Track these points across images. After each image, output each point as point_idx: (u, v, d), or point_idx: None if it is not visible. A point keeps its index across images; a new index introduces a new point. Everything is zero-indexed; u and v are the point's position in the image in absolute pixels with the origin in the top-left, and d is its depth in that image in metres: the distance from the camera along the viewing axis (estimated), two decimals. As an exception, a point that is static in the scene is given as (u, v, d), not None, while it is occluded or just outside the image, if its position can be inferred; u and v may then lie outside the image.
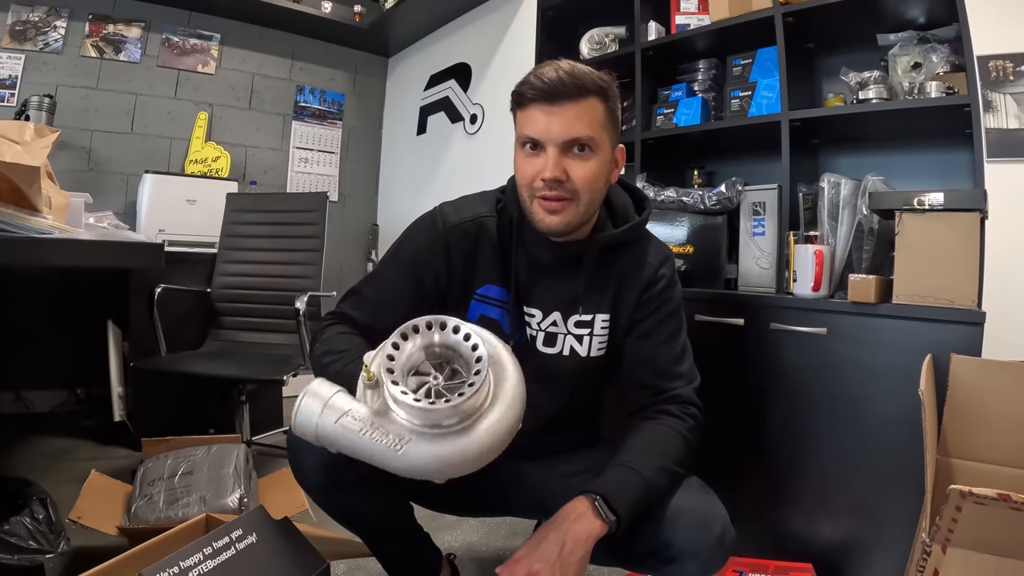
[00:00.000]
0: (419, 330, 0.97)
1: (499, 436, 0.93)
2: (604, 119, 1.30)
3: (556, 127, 1.26)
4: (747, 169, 2.46)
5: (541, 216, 1.31)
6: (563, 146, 1.27)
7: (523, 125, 1.31)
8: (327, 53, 4.65)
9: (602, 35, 2.80)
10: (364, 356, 1.04)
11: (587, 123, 1.27)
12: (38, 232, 1.56)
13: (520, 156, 1.33)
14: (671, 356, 1.41)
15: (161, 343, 2.92)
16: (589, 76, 1.27)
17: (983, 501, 1.09)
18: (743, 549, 1.90)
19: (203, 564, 1.17)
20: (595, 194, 1.33)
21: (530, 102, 1.28)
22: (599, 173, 1.32)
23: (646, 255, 1.44)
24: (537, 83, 1.26)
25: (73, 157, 3.65)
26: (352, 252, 4.74)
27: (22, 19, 3.53)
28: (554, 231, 1.33)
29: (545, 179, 1.27)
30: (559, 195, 1.28)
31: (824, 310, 1.83)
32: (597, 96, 1.28)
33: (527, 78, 1.29)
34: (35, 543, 1.52)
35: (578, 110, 1.26)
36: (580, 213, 1.32)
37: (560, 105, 1.26)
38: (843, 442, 1.78)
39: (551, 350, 1.44)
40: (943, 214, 1.63)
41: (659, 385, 1.39)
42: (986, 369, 1.54)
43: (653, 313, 1.42)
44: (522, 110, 1.31)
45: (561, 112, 1.26)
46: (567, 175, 1.27)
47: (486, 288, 1.44)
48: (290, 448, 1.33)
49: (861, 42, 2.19)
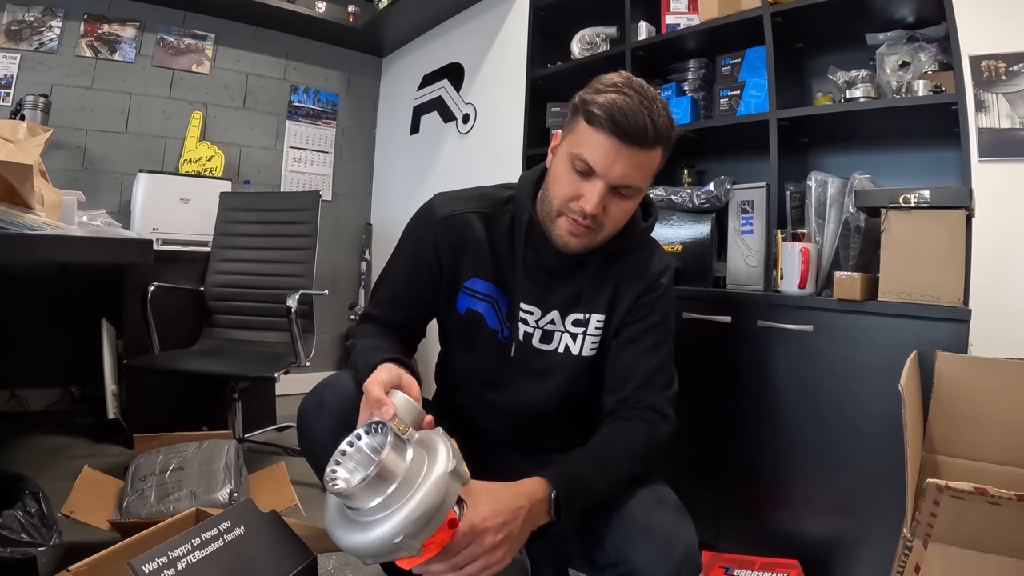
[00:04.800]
0: (345, 452, 0.98)
1: (430, 503, 0.92)
2: (658, 167, 1.30)
3: (618, 169, 1.22)
4: (737, 168, 2.48)
5: (561, 234, 1.31)
6: (614, 186, 1.24)
7: (583, 144, 1.24)
8: (321, 53, 4.66)
9: (593, 35, 2.82)
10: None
11: (644, 174, 1.26)
12: (30, 229, 1.56)
13: (563, 169, 1.28)
14: (652, 365, 1.38)
15: (154, 341, 2.92)
16: (667, 129, 1.24)
17: (960, 495, 1.10)
18: (730, 545, 1.92)
19: (192, 555, 1.19)
20: (619, 226, 1.33)
21: (601, 127, 1.21)
22: (630, 212, 1.32)
23: (649, 262, 1.43)
24: (620, 118, 1.19)
25: (68, 156, 3.65)
26: (346, 251, 4.75)
27: (18, 19, 3.53)
28: (571, 251, 1.33)
29: (586, 212, 1.24)
30: (589, 225, 1.27)
31: (810, 307, 1.84)
32: (663, 147, 1.26)
33: (611, 99, 1.21)
34: (27, 536, 1.53)
35: (643, 159, 1.23)
36: (599, 241, 1.32)
37: (631, 148, 1.21)
38: (829, 438, 1.79)
39: (547, 347, 1.44)
40: (929, 212, 1.64)
41: (634, 394, 1.37)
42: (972, 366, 1.55)
43: (642, 319, 1.41)
44: (589, 126, 1.23)
45: (630, 156, 1.21)
46: (605, 211, 1.26)
47: (473, 281, 1.45)
48: (299, 417, 1.36)
49: (850, 41, 2.21)
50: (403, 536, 0.90)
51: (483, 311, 1.45)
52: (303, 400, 1.37)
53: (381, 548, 0.91)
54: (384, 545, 0.90)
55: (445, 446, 1.00)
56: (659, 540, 1.15)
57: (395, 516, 0.90)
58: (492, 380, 1.45)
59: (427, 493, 0.92)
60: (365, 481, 0.90)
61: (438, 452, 0.98)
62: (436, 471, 0.94)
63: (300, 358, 2.75)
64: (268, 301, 3.11)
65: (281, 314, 2.79)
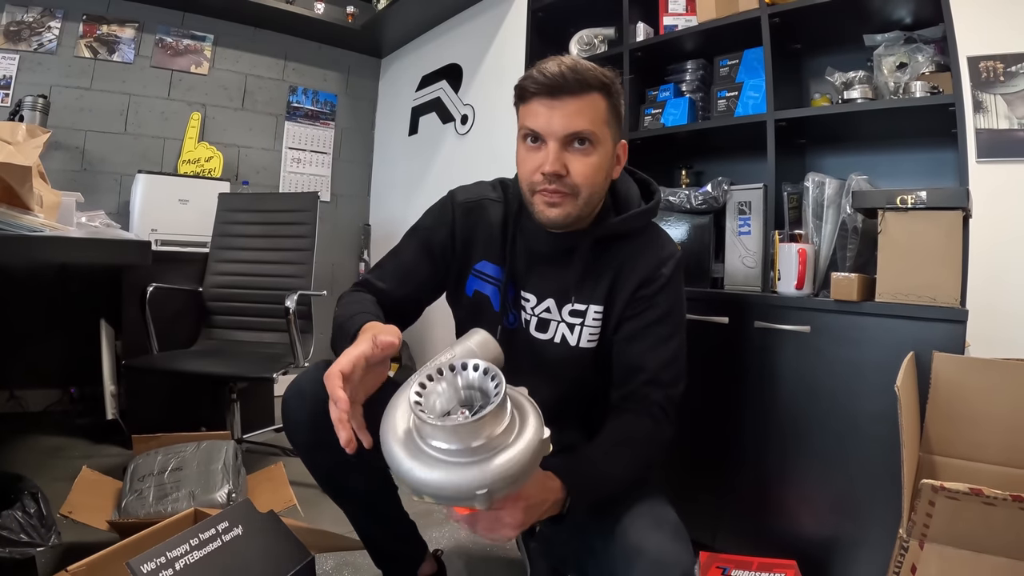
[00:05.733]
0: (443, 372, 0.95)
1: (522, 465, 0.90)
2: (606, 115, 1.31)
3: (557, 121, 1.27)
4: (735, 168, 2.48)
5: (541, 208, 1.33)
6: (564, 140, 1.28)
7: (525, 118, 1.32)
8: (320, 54, 4.66)
9: (591, 36, 2.82)
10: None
11: (589, 118, 1.28)
12: (29, 230, 1.57)
13: (522, 149, 1.35)
14: (660, 361, 1.37)
15: (153, 342, 2.93)
16: (592, 72, 1.28)
17: (955, 496, 1.10)
18: (727, 546, 1.93)
19: (190, 555, 1.20)
20: (595, 188, 1.33)
21: (532, 96, 1.29)
22: (599, 168, 1.32)
23: (649, 250, 1.43)
24: (540, 77, 1.27)
25: (67, 157, 3.65)
26: (344, 252, 4.75)
27: (16, 19, 3.53)
28: (553, 224, 1.34)
29: (545, 173, 1.28)
30: (558, 189, 1.29)
31: (808, 308, 1.84)
32: (599, 92, 1.29)
33: (530, 72, 1.30)
34: (26, 536, 1.53)
35: (580, 105, 1.27)
36: (579, 207, 1.32)
37: (562, 99, 1.26)
38: (826, 439, 1.79)
39: (543, 336, 1.45)
40: (926, 213, 1.64)
41: (641, 389, 1.37)
42: (968, 366, 1.55)
43: (643, 313, 1.40)
44: (524, 104, 1.32)
45: (563, 106, 1.27)
46: (567, 170, 1.28)
47: (482, 264, 1.48)
48: (284, 403, 1.41)
49: (848, 42, 2.20)
50: (487, 490, 0.88)
51: (490, 294, 1.47)
52: (285, 390, 1.41)
53: (456, 492, 0.89)
54: (462, 491, 0.89)
55: (535, 410, 0.99)
56: (654, 564, 1.14)
57: (485, 466, 0.88)
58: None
59: (523, 453, 0.90)
60: (479, 419, 0.88)
61: (529, 414, 0.97)
62: (530, 434, 0.93)
63: (298, 359, 2.75)
64: (267, 302, 3.11)
65: (280, 315, 2.80)
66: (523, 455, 0.90)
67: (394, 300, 1.45)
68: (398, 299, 1.46)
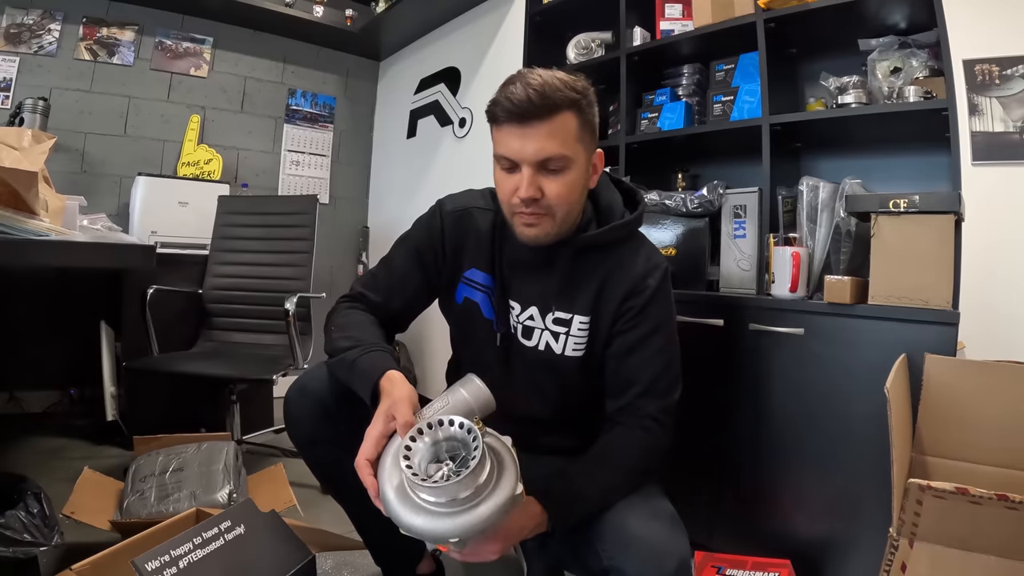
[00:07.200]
0: (431, 427, 1.04)
1: (491, 520, 0.99)
2: (578, 132, 1.29)
3: (529, 148, 1.25)
4: (731, 172, 2.49)
5: (520, 229, 1.34)
6: (536, 165, 1.27)
7: (498, 144, 1.31)
8: (319, 57, 4.67)
9: (588, 40, 2.84)
10: None
11: (560, 141, 1.26)
12: (35, 234, 1.59)
13: (498, 172, 1.34)
14: (652, 373, 1.38)
15: (153, 343, 2.94)
16: (559, 92, 1.25)
17: (942, 495, 1.12)
18: (722, 545, 1.94)
19: (193, 553, 1.22)
20: (571, 206, 1.34)
21: (503, 122, 1.28)
22: (574, 186, 1.32)
23: (634, 261, 1.41)
24: (507, 104, 1.25)
25: (67, 159, 3.66)
26: (343, 254, 4.76)
27: (16, 22, 3.55)
28: (533, 242, 1.36)
29: (521, 198, 1.28)
30: (534, 211, 1.30)
31: (802, 311, 1.86)
32: (570, 110, 1.27)
33: (497, 97, 1.29)
34: (29, 536, 1.54)
35: (550, 128, 1.25)
36: (557, 224, 1.33)
37: (532, 126, 1.25)
38: (820, 439, 1.81)
39: (528, 343, 1.46)
40: (918, 216, 1.66)
41: (634, 401, 1.37)
42: (960, 368, 1.57)
43: (634, 327, 1.39)
44: (496, 127, 1.31)
45: (533, 133, 1.25)
46: (542, 192, 1.28)
47: (472, 272, 1.49)
48: (286, 402, 1.43)
49: (843, 47, 2.22)
50: (459, 539, 0.99)
51: (479, 300, 1.49)
52: (288, 388, 1.43)
53: (434, 537, 1.00)
54: (438, 536, 1.00)
55: (513, 462, 1.08)
56: (652, 552, 1.16)
57: (458, 519, 0.98)
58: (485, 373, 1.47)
59: (493, 513, 1.00)
60: (456, 482, 0.97)
61: (506, 469, 1.06)
62: (504, 492, 1.02)
63: (298, 360, 2.76)
64: (266, 304, 3.12)
65: (279, 317, 2.81)
66: (493, 511, 1.00)
67: (389, 313, 1.49)
68: (393, 311, 1.50)
